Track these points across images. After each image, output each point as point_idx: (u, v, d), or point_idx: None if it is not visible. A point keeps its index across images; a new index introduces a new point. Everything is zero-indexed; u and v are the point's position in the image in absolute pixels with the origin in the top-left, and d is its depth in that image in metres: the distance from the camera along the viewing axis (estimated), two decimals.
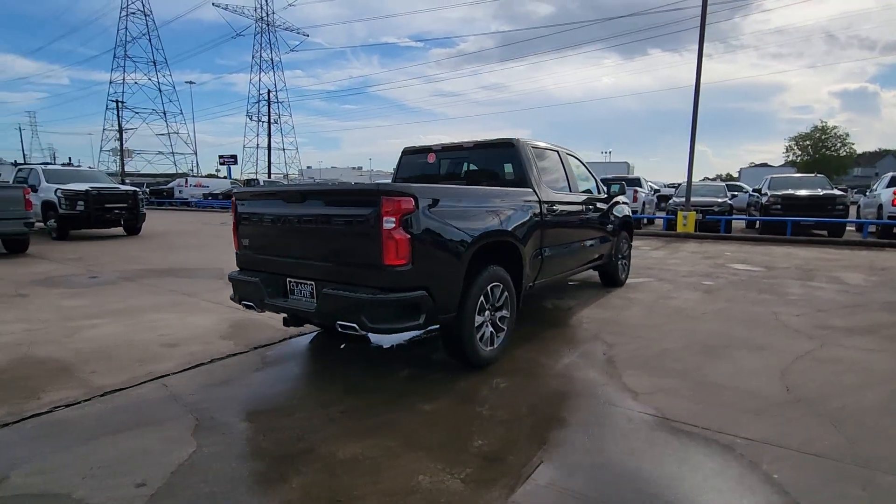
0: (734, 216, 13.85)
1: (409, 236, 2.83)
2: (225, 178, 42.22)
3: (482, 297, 3.43)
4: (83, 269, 7.88)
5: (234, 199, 3.73)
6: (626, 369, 3.52)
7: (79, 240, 12.09)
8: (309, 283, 3.24)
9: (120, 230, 13.39)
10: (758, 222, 13.09)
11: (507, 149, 4.37)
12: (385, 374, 3.51)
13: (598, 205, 5.57)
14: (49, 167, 13.96)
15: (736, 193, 16.09)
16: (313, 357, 3.92)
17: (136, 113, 68.19)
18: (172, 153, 72.82)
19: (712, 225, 12.89)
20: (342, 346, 4.10)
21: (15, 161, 31.98)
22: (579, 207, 5.06)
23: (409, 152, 5.06)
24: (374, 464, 2.31)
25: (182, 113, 76.84)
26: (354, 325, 2.86)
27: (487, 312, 3.58)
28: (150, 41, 68.12)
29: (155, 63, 68.89)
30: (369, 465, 2.31)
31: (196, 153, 73.70)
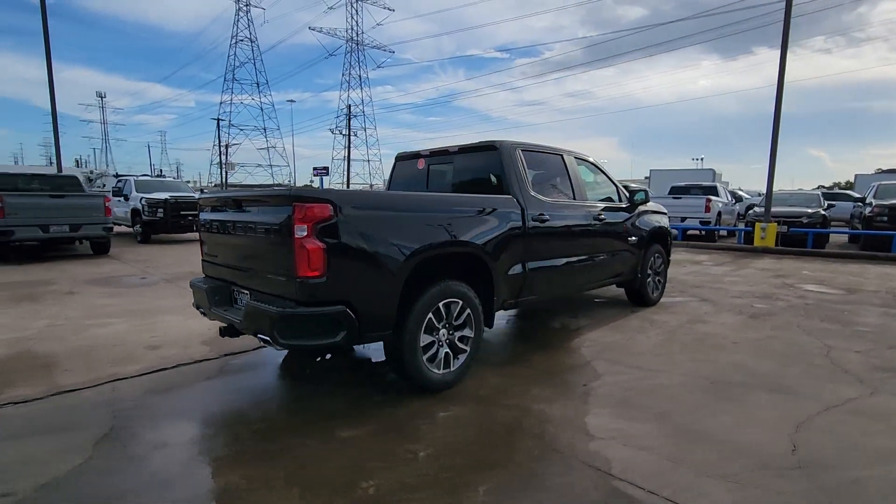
0: (830, 229, 11.99)
1: (323, 246, 2.60)
2: (318, 188, 44.85)
3: (431, 315, 3.11)
4: (140, 270, 8.56)
5: (199, 205, 3.74)
6: (599, 406, 3.01)
7: (158, 243, 13.26)
8: (246, 292, 3.12)
9: (196, 235, 14.52)
10: (861, 237, 11.22)
11: (489, 152, 3.99)
12: (337, 392, 3.29)
13: (615, 215, 4.97)
14: (140, 178, 15.53)
15: (834, 203, 13.95)
16: (277, 369, 3.79)
17: (241, 130, 74.99)
18: (270, 165, 78.80)
19: (800, 239, 11.25)
20: (326, 357, 3.96)
21: (116, 173, 36.41)
22: (586, 218, 4.52)
23: (401, 158, 4.84)
24: (241, 497, 2.09)
25: (279, 129, 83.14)
26: (269, 338, 2.67)
27: (443, 332, 3.24)
28: (254, 65, 74.65)
29: (258, 85, 75.24)
30: (235, 497, 2.09)
31: (290, 165, 79.37)
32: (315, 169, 44.83)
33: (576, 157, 4.77)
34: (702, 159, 76.36)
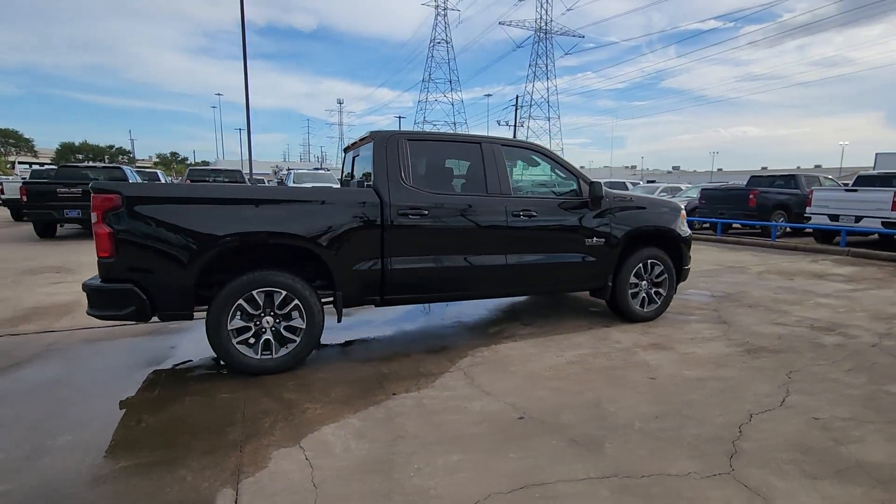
0: None
1: (110, 231, 2.99)
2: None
3: (243, 302, 3.27)
4: None
5: None
6: (340, 426, 2.78)
7: None
8: None
9: None
10: None
11: (369, 144, 3.86)
12: (206, 364, 3.71)
13: (558, 211, 4.25)
14: (298, 171, 18.45)
15: None
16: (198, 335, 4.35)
17: (434, 125, 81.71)
18: None
19: None
20: None
21: (288, 167, 42.95)
22: (500, 213, 3.99)
23: (346, 150, 4.96)
24: None
25: (466, 123, 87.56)
26: None
27: (268, 319, 3.37)
28: (448, 65, 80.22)
29: (451, 83, 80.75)
30: None
31: None
32: None
33: (509, 146, 4.24)
34: None
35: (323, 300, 3.58)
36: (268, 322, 3.37)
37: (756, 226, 12.59)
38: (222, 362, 3.42)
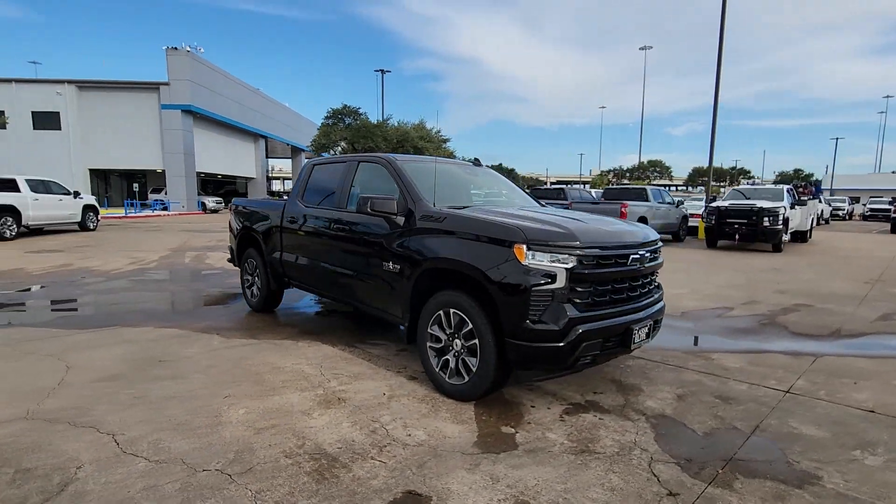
0: None
1: (231, 222, 6.37)
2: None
3: (245, 263, 5.87)
4: None
5: None
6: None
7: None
8: None
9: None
10: None
11: None
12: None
13: (366, 227, 4.04)
14: (747, 186, 15.49)
15: None
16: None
17: None
18: None
19: None
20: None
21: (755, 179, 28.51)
22: (328, 226, 4.50)
23: None
24: None
25: None
26: None
27: (252, 277, 5.81)
28: None
29: None
30: None
31: None
32: None
33: (364, 162, 4.41)
34: None
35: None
36: (253, 279, 5.77)
37: None
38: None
